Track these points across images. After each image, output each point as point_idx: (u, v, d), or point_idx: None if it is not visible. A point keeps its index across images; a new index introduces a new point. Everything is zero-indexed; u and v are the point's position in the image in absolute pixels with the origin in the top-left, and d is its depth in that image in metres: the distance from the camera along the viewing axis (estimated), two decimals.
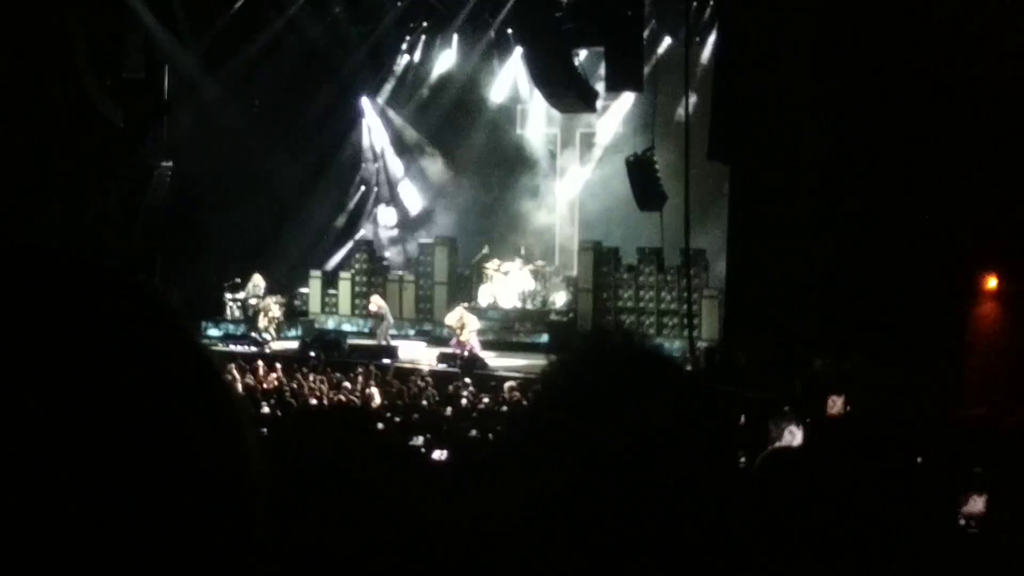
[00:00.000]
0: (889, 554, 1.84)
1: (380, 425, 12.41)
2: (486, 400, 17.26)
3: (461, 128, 30.13)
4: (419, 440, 11.90)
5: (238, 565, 0.74)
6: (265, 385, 18.35)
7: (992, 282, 18.22)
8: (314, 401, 16.05)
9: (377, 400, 16.74)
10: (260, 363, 20.73)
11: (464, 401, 17.29)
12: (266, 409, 15.31)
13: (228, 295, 27.19)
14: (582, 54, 24.17)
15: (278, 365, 20.60)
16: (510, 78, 29.21)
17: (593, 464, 1.33)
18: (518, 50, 25.80)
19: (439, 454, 10.01)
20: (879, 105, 17.75)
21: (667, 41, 26.87)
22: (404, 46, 30.83)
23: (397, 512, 2.38)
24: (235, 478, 0.74)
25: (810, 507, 1.85)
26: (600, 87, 24.01)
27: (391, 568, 2.22)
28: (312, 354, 22.77)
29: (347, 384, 18.32)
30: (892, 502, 1.93)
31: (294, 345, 24.74)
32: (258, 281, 26.78)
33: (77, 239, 21.19)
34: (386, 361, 22.13)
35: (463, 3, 28.83)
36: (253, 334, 25.16)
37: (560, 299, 26.94)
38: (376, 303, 25.91)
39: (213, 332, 25.91)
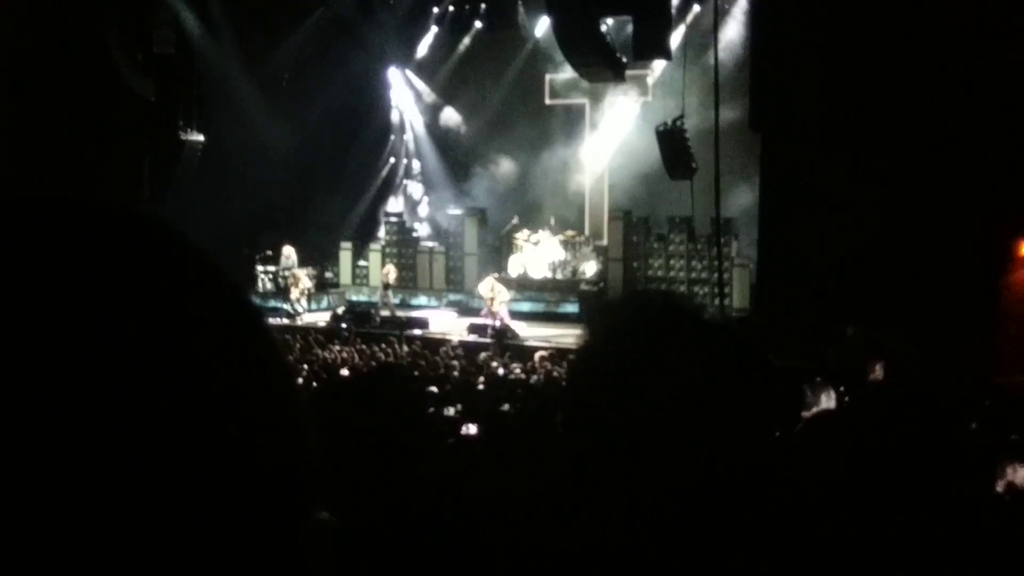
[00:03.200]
0: (928, 521, 1.83)
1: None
2: (517, 370, 17.26)
3: (490, 98, 30.09)
4: (451, 411, 11.92)
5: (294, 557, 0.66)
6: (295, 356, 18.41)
7: None
8: (345, 372, 16.09)
9: None
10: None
11: (496, 372, 17.29)
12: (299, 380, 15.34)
13: (259, 267, 27.36)
14: (610, 22, 23.99)
15: (311, 336, 20.69)
16: (538, 47, 29.08)
17: (637, 424, 1.31)
18: (546, 19, 25.62)
19: (470, 427, 10.00)
20: (913, 71, 17.58)
21: (696, 8, 26.72)
22: (433, 16, 30.75)
23: (431, 480, 2.38)
24: (295, 460, 0.67)
25: (855, 469, 1.84)
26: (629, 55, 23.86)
27: (430, 536, 2.23)
28: (343, 325, 22.86)
29: (381, 355, 18.40)
30: (933, 469, 1.90)
31: (325, 316, 24.84)
32: (289, 252, 26.92)
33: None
34: (416, 332, 22.17)
35: None
36: (285, 305, 25.31)
37: (590, 269, 26.90)
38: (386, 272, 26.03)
39: None
